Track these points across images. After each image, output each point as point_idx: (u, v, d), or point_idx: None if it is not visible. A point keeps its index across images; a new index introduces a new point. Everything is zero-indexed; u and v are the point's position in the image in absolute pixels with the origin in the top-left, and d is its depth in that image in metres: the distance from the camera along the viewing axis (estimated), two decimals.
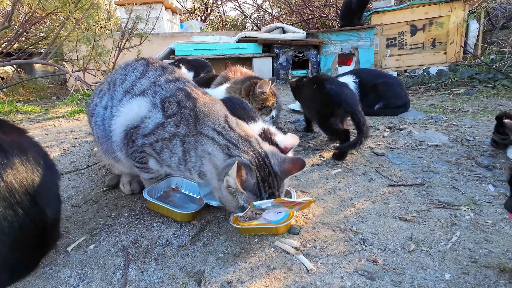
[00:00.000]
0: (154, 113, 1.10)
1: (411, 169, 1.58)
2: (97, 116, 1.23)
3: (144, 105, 1.11)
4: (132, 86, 1.17)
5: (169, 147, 1.08)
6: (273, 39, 5.47)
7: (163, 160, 1.12)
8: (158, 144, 1.10)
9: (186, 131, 1.06)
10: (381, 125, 2.39)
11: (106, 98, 1.22)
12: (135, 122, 1.12)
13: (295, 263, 0.94)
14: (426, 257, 0.95)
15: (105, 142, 1.23)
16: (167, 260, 0.97)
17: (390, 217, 1.17)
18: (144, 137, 1.11)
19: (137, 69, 1.22)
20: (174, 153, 1.08)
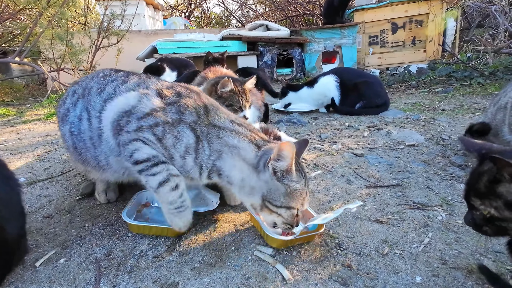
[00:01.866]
0: (148, 99, 1.02)
1: (388, 170, 1.61)
2: (73, 126, 1.15)
3: (132, 96, 1.05)
4: (114, 92, 1.10)
5: (173, 133, 0.98)
6: (257, 37, 5.44)
7: (166, 147, 0.99)
8: (159, 128, 0.98)
9: (195, 119, 0.99)
10: (362, 125, 2.42)
11: (80, 106, 1.14)
12: (125, 108, 1.03)
13: (270, 271, 0.94)
14: (399, 260, 0.97)
15: (85, 152, 1.14)
16: (140, 273, 0.95)
17: (366, 220, 1.19)
18: (140, 119, 1.00)
19: (117, 79, 1.15)
20: (180, 140, 0.98)
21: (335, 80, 2.88)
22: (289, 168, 0.91)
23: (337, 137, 2.17)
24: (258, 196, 0.95)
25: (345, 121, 2.60)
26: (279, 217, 0.96)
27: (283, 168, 0.91)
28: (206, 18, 9.71)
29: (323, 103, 3.02)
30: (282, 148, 0.88)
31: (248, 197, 0.98)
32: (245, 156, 0.96)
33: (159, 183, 1.01)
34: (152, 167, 1.01)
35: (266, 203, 0.94)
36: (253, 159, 0.95)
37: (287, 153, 0.89)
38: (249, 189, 0.96)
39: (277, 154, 0.90)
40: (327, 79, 2.92)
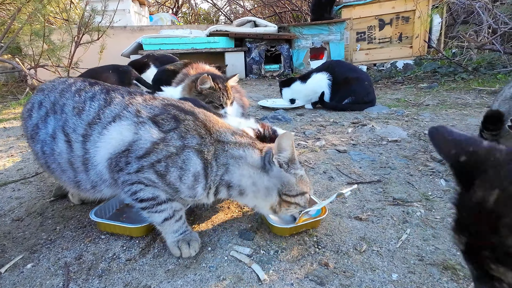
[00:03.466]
0: (146, 131, 0.93)
1: (370, 166, 1.60)
2: (45, 145, 1.04)
3: (127, 129, 0.95)
4: (99, 117, 0.98)
5: (178, 164, 0.92)
6: (245, 33, 5.39)
7: (169, 183, 0.93)
8: (161, 164, 0.92)
9: (200, 141, 0.94)
10: (346, 121, 2.42)
11: (53, 124, 1.02)
12: (121, 148, 0.94)
13: (246, 272, 0.91)
14: (376, 258, 0.96)
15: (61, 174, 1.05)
16: (111, 277, 0.91)
17: (346, 217, 1.18)
18: (140, 159, 0.92)
19: (97, 97, 1.02)
20: (186, 170, 0.92)
21: (328, 78, 2.85)
22: (292, 157, 0.96)
23: (321, 133, 2.16)
24: (275, 193, 0.97)
25: (330, 117, 2.60)
26: (297, 206, 0.99)
27: (287, 158, 0.96)
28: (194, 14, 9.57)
29: (311, 100, 3.01)
30: (281, 140, 0.92)
31: (266, 199, 0.98)
32: (252, 162, 0.97)
33: (164, 219, 0.98)
34: (157, 206, 0.97)
35: (283, 197, 0.96)
36: (260, 162, 0.97)
37: (286, 143, 0.93)
38: (264, 190, 0.97)
39: (278, 147, 0.94)
40: (320, 77, 2.89)
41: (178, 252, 0.98)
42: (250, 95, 3.74)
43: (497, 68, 3.86)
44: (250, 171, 0.96)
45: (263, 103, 3.22)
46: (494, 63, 4.05)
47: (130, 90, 1.09)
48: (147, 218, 1.00)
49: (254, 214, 1.21)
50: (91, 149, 0.98)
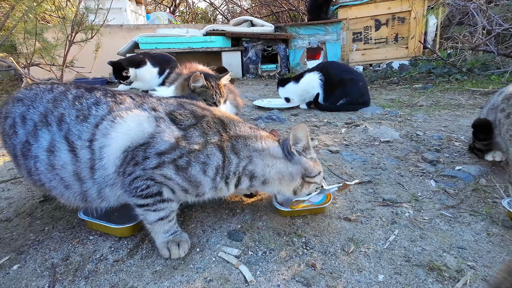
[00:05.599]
0: (167, 126, 0.94)
1: (362, 166, 1.61)
2: (38, 161, 0.97)
3: (146, 120, 0.94)
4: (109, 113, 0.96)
5: (200, 159, 0.94)
6: (241, 33, 5.38)
7: (190, 177, 0.94)
8: (183, 159, 0.93)
9: (219, 137, 0.99)
10: (340, 122, 2.42)
11: (48, 137, 0.96)
12: (139, 139, 0.92)
13: (233, 273, 0.92)
14: (363, 259, 0.96)
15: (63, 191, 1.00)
16: (98, 278, 0.91)
17: (335, 218, 1.18)
18: (162, 155, 0.92)
19: (102, 101, 0.98)
20: (209, 165, 0.95)
21: (319, 78, 2.86)
22: (306, 145, 1.08)
23: (315, 133, 2.17)
24: (299, 177, 1.08)
25: (324, 117, 2.60)
26: (314, 185, 1.11)
27: (303, 146, 1.08)
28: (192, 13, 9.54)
29: (305, 100, 3.01)
30: (296, 132, 1.04)
31: (290, 184, 1.08)
32: (274, 153, 1.06)
33: (158, 219, 0.98)
34: (159, 204, 0.97)
35: (306, 179, 1.08)
36: (281, 153, 1.07)
37: (302, 134, 1.05)
38: (289, 177, 1.07)
39: (294, 138, 1.05)
40: (311, 76, 2.90)
41: (167, 253, 0.97)
42: (246, 94, 3.74)
43: (491, 69, 3.88)
44: (273, 161, 1.06)
45: (258, 103, 3.22)
46: (488, 64, 4.07)
47: (143, 95, 1.08)
48: (140, 217, 0.99)
49: (244, 214, 1.21)
50: (101, 144, 0.93)
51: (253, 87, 4.63)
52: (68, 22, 3.50)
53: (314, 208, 1.19)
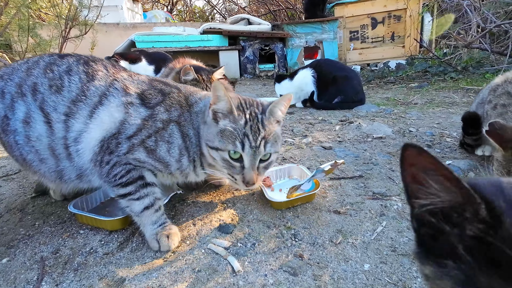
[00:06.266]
0: (135, 109, 0.96)
1: (354, 162, 1.62)
2: (17, 135, 0.98)
3: (117, 110, 0.95)
4: (84, 95, 0.96)
5: (165, 137, 0.96)
6: (238, 31, 5.39)
7: (159, 158, 0.96)
8: (151, 139, 0.95)
9: (180, 112, 0.99)
10: (335, 119, 2.44)
11: (24, 108, 0.96)
12: (112, 130, 0.95)
13: (222, 264, 0.93)
14: (350, 249, 0.98)
15: (39, 165, 1.01)
16: (87, 270, 0.92)
17: (325, 211, 1.19)
18: (131, 138, 0.94)
19: (74, 70, 0.99)
20: (172, 143, 0.97)
21: (312, 75, 2.88)
22: (229, 108, 0.95)
23: (309, 131, 2.18)
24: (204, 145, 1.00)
25: (319, 115, 2.62)
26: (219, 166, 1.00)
27: (223, 109, 0.95)
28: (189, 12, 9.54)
29: (300, 98, 3.02)
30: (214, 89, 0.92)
31: None
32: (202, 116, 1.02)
33: (144, 208, 0.99)
34: (141, 189, 0.98)
35: (208, 149, 0.99)
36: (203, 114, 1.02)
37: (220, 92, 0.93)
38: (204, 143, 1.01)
39: (214, 96, 0.94)
40: (304, 73, 2.93)
41: (157, 245, 0.98)
42: (243, 94, 3.75)
43: (485, 68, 3.91)
44: (202, 127, 0.99)
45: None
46: (483, 62, 4.10)
47: (115, 65, 1.08)
48: (126, 208, 1.01)
49: (235, 208, 1.22)
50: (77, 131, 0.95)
51: (250, 87, 4.64)
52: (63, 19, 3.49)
53: (306, 196, 1.21)
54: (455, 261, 0.32)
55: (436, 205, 0.35)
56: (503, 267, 0.28)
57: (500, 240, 0.29)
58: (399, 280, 0.85)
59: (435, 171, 0.35)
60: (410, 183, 0.37)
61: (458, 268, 0.32)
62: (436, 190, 0.35)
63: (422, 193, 0.36)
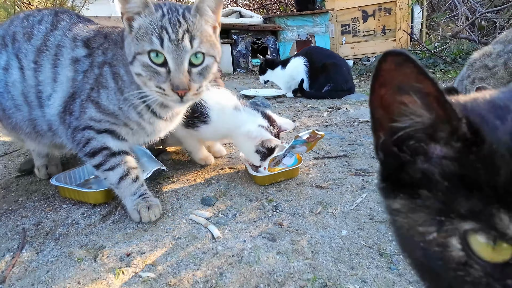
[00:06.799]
0: (80, 64, 0.96)
1: (339, 143, 1.65)
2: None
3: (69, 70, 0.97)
4: (45, 42, 0.98)
5: (103, 83, 0.93)
6: (230, 24, 5.38)
7: (106, 110, 0.93)
8: (94, 90, 0.93)
9: (113, 52, 0.94)
10: (323, 106, 2.46)
11: (5, 57, 1.01)
12: (69, 90, 0.96)
13: (201, 231, 0.94)
14: (329, 218, 1.00)
15: (15, 113, 1.02)
16: (68, 239, 0.93)
17: (307, 185, 1.21)
18: (79, 95, 0.95)
19: (44, 20, 1.02)
20: (108, 88, 0.93)
21: (304, 64, 2.89)
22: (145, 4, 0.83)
23: (297, 117, 2.20)
24: None
25: (308, 103, 2.64)
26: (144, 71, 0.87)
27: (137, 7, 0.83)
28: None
29: (290, 87, 3.04)
30: None
31: None
32: None
33: (120, 178, 0.99)
34: (110, 158, 0.98)
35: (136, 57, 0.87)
36: None
37: None
38: None
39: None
40: (297, 62, 2.93)
41: (138, 216, 0.99)
42: (235, 85, 3.75)
43: None
44: None
45: (245, 92, 3.24)
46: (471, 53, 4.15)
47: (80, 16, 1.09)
48: (104, 181, 1.01)
49: (219, 184, 1.23)
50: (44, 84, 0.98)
51: (243, 80, 4.64)
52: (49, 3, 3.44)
53: (289, 171, 1.22)
54: (430, 189, 0.29)
55: (414, 127, 0.30)
56: (484, 190, 0.25)
57: (481, 160, 0.26)
58: (374, 244, 0.87)
59: (419, 84, 0.28)
60: (385, 104, 0.30)
61: (434, 197, 0.28)
62: (418, 109, 0.29)
63: (399, 114, 0.30)
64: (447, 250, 0.27)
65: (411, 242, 0.30)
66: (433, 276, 0.30)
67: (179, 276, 0.77)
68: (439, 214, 0.27)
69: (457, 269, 0.27)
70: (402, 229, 0.31)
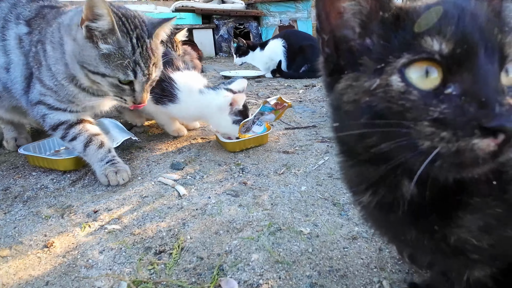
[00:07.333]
0: (26, 43, 1.00)
1: (310, 116, 1.70)
2: None
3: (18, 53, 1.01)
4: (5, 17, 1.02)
5: (39, 60, 0.98)
6: (212, 9, 5.31)
7: (45, 84, 0.98)
8: (35, 68, 0.99)
9: (45, 30, 0.97)
10: (300, 85, 2.51)
11: None
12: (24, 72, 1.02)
13: (169, 190, 0.98)
14: (292, 177, 1.06)
15: None
16: (37, 202, 0.95)
17: (275, 151, 1.27)
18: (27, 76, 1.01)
19: None
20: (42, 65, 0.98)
21: (283, 45, 2.92)
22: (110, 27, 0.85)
23: (273, 94, 2.24)
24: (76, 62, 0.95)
25: (286, 82, 2.68)
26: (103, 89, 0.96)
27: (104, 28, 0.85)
28: None
29: (269, 68, 3.07)
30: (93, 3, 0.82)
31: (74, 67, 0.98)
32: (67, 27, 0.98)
33: (84, 145, 1.03)
34: (70, 129, 1.02)
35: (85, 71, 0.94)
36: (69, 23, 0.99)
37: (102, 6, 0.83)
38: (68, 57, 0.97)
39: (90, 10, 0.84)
40: (275, 43, 2.96)
41: (106, 180, 1.02)
42: (215, 68, 3.75)
43: None
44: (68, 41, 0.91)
45: (225, 73, 3.24)
46: None
47: None
48: (73, 150, 1.05)
49: (190, 152, 1.27)
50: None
51: (225, 64, 4.62)
52: None
53: (258, 137, 1.27)
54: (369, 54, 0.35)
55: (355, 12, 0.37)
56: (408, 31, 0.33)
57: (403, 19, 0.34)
58: (329, 196, 0.94)
59: None
60: None
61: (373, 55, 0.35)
62: None
63: None
64: (390, 87, 0.32)
65: (357, 107, 0.35)
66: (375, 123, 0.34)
67: (144, 227, 0.81)
68: (380, 63, 0.33)
69: (399, 99, 0.32)
70: (348, 102, 0.36)
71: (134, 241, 0.76)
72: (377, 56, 0.34)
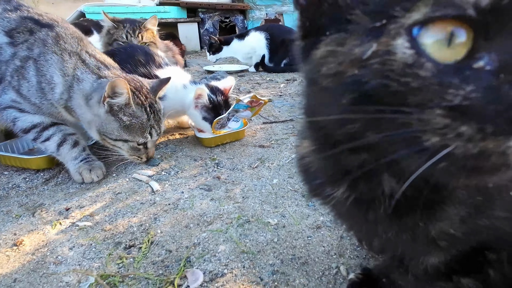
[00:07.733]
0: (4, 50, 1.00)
1: (288, 110, 1.73)
2: None
3: None
4: None
5: (24, 75, 0.98)
6: (197, 2, 5.23)
7: (26, 98, 0.99)
8: (15, 79, 0.99)
9: (41, 50, 0.98)
10: (281, 79, 2.53)
11: None
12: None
13: (142, 187, 0.99)
14: (265, 171, 1.08)
15: None
16: (8, 201, 0.95)
17: (251, 146, 1.29)
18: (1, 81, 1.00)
19: None
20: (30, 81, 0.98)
21: (266, 38, 2.93)
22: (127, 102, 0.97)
23: (254, 88, 2.25)
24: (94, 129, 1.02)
25: (268, 76, 2.70)
26: (120, 149, 1.05)
27: (121, 103, 0.96)
28: None
29: (252, 59, 3.07)
30: (115, 84, 0.92)
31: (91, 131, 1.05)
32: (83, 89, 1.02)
33: (57, 145, 1.02)
34: (43, 132, 1.02)
35: (103, 137, 1.02)
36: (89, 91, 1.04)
37: (122, 87, 0.94)
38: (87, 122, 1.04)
39: (112, 90, 0.94)
40: (258, 36, 2.96)
41: (80, 177, 1.02)
42: (199, 62, 3.72)
43: None
44: (80, 101, 0.99)
45: (208, 67, 3.23)
46: None
47: None
48: (45, 151, 1.04)
49: (167, 148, 1.28)
50: None
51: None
52: None
53: (234, 133, 1.29)
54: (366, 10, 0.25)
55: None
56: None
57: None
58: (300, 188, 0.97)
59: None
60: None
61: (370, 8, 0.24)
62: None
63: None
64: (391, 55, 0.23)
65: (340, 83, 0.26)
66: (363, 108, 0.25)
67: (115, 223, 0.83)
68: (379, 19, 0.23)
69: (403, 74, 0.22)
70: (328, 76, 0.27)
71: (104, 236, 0.77)
72: (376, 8, 0.24)
